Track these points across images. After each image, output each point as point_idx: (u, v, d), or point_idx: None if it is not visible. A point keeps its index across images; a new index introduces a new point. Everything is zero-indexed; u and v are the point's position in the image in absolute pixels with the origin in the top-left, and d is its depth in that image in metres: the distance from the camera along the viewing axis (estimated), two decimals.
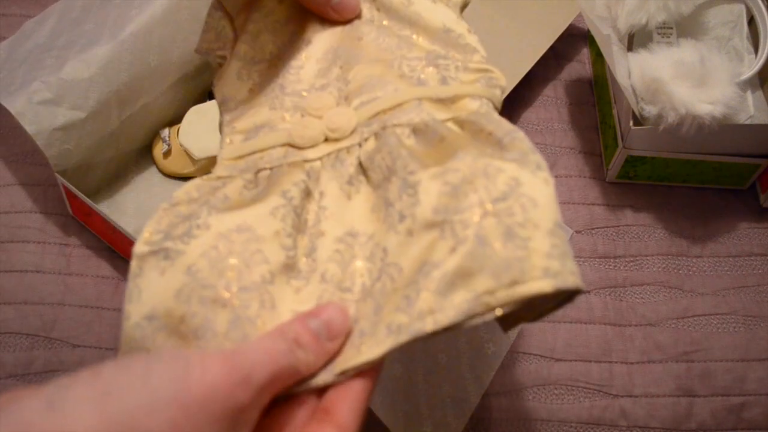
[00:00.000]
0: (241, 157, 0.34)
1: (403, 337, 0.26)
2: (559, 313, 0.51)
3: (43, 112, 0.47)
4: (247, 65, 0.36)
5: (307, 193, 0.32)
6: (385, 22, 0.36)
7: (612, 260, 0.53)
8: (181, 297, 0.29)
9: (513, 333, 0.49)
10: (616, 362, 0.49)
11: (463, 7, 0.37)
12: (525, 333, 0.50)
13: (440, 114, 0.33)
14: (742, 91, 0.52)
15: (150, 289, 0.29)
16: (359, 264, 0.30)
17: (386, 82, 0.34)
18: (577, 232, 0.54)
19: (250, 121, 0.35)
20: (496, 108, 0.34)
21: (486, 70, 0.35)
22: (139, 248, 0.30)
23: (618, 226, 0.55)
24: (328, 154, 0.33)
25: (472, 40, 0.36)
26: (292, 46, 0.37)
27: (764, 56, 0.54)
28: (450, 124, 0.32)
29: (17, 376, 0.46)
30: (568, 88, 0.62)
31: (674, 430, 0.47)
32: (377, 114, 0.33)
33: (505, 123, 0.31)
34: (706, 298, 0.52)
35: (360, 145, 0.33)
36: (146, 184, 0.54)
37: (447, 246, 0.28)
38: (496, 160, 0.29)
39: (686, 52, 0.50)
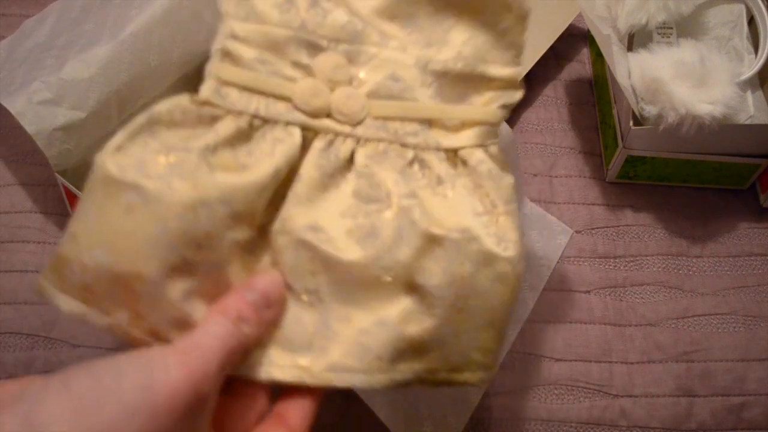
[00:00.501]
0: (238, 86, 0.31)
1: (347, 382, 0.28)
2: (559, 313, 0.51)
3: (43, 112, 0.47)
4: None
5: (294, 171, 0.31)
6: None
7: (612, 260, 0.53)
8: (141, 253, 0.27)
9: (514, 333, 0.49)
10: (616, 362, 0.49)
11: None
12: (525, 333, 0.50)
13: (446, 140, 0.32)
14: (742, 91, 0.52)
15: (108, 225, 0.27)
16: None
17: (407, 82, 0.32)
18: (577, 232, 0.54)
19: (259, 34, 0.31)
20: (497, 133, 0.33)
21: (509, 83, 0.33)
22: (108, 166, 0.27)
23: (618, 226, 0.55)
24: (325, 134, 0.31)
25: (514, 32, 0.33)
26: None
27: (764, 56, 0.54)
28: (449, 167, 0.32)
29: (17, 376, 0.46)
30: (568, 88, 0.62)
31: (674, 430, 0.47)
32: (388, 118, 0.32)
33: (505, 189, 0.32)
34: (706, 298, 0.52)
35: (358, 141, 0.31)
36: None
37: (413, 311, 0.29)
38: (475, 234, 0.30)
39: (686, 52, 0.50)
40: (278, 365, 0.29)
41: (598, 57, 0.61)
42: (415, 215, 0.30)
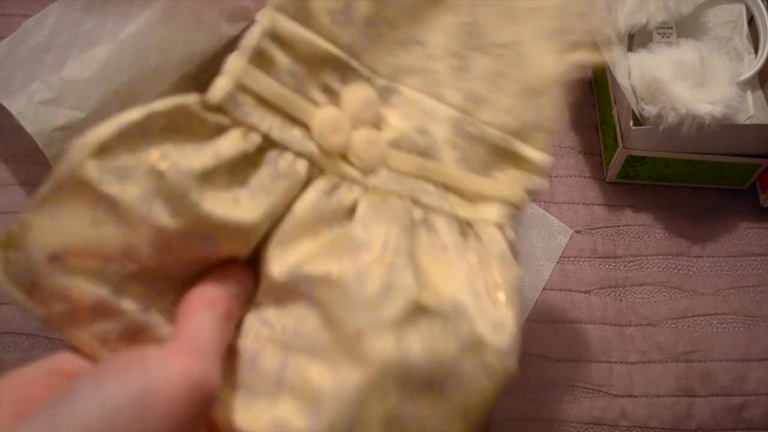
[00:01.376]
0: (257, 96, 0.27)
1: None
2: (559, 313, 0.51)
3: (43, 112, 0.47)
4: None
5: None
6: (477, 55, 0.30)
7: (612, 260, 0.53)
8: (98, 267, 0.25)
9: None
10: (616, 362, 0.49)
11: (577, 70, 0.32)
12: (525, 333, 0.50)
13: (462, 210, 0.30)
14: (742, 91, 0.52)
15: (68, 229, 0.25)
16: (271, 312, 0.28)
17: (434, 138, 0.29)
18: (577, 232, 0.54)
19: (301, 41, 0.27)
20: (516, 222, 0.31)
21: (534, 168, 0.31)
22: (89, 169, 0.24)
23: (618, 226, 0.55)
24: (332, 175, 0.28)
25: (551, 115, 0.31)
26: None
27: (764, 56, 0.54)
28: (458, 237, 0.29)
29: None
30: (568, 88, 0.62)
31: (674, 430, 0.47)
32: (405, 173, 0.29)
33: (514, 278, 0.29)
34: (706, 298, 0.52)
35: (366, 190, 0.28)
36: None
37: (379, 382, 0.26)
38: (469, 313, 0.27)
39: (686, 52, 0.50)
40: (223, 404, 0.26)
41: None
42: (407, 277, 0.26)
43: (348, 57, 0.28)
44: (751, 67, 0.54)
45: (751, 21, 0.57)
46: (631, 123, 0.51)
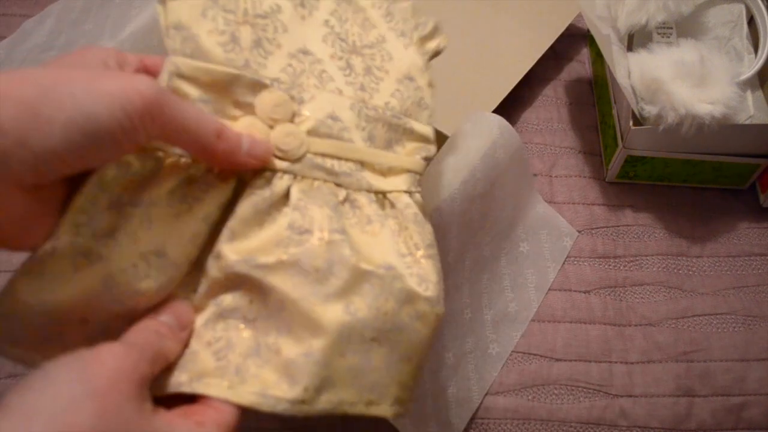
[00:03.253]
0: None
1: (273, 408, 0.29)
2: (559, 313, 0.51)
3: None
4: (217, 10, 0.32)
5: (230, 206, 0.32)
6: (353, 56, 0.35)
7: (612, 260, 0.53)
8: (89, 303, 0.29)
9: (517, 334, 0.49)
10: (616, 362, 0.49)
11: (434, 55, 0.38)
12: (525, 333, 0.50)
13: (377, 183, 0.34)
14: (742, 91, 0.52)
15: (55, 279, 0.28)
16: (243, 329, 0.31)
17: (344, 123, 0.34)
18: (577, 231, 0.54)
19: (203, 73, 0.31)
20: (420, 184, 0.36)
21: (426, 139, 0.36)
22: (65, 242, 0.28)
23: (618, 226, 0.55)
24: (262, 172, 0.32)
25: (428, 94, 0.37)
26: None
27: (764, 56, 0.54)
28: (378, 208, 0.34)
29: (17, 376, 0.46)
30: (568, 88, 0.62)
31: (674, 430, 0.47)
32: (326, 155, 0.33)
33: (428, 234, 0.34)
34: (706, 298, 0.52)
35: (295, 177, 0.32)
36: None
37: (338, 343, 0.30)
38: (399, 272, 0.32)
39: (686, 52, 0.50)
40: (206, 383, 0.29)
41: (598, 57, 0.61)
42: (345, 250, 0.31)
43: (249, 73, 0.32)
44: (751, 67, 0.54)
45: (751, 21, 0.57)
46: (631, 123, 0.51)
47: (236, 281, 0.31)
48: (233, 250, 0.30)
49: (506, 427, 0.47)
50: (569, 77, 0.63)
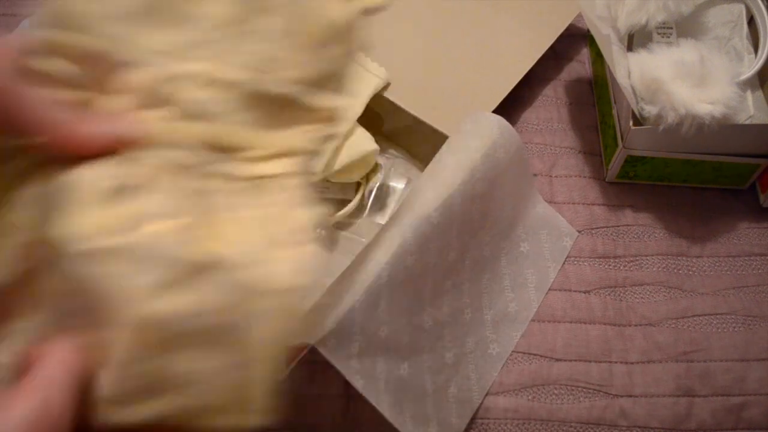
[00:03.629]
0: None
1: None
2: (559, 313, 0.51)
3: None
4: None
5: None
6: (257, 17, 0.31)
7: (612, 260, 0.53)
8: None
9: (517, 334, 0.49)
10: (616, 362, 0.49)
11: (367, 13, 0.33)
12: (525, 333, 0.50)
13: (251, 167, 0.31)
14: (742, 91, 0.52)
15: None
16: None
17: (222, 103, 0.30)
18: (577, 231, 0.54)
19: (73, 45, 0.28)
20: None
21: (328, 116, 0.33)
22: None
23: (618, 226, 0.55)
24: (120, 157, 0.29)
25: (344, 62, 0.33)
26: None
27: (764, 56, 0.54)
28: (249, 193, 0.30)
29: None
30: (568, 88, 0.62)
31: (674, 430, 0.47)
32: (195, 139, 0.30)
33: (302, 222, 0.30)
34: (706, 298, 0.52)
35: (160, 164, 0.29)
36: None
37: (168, 337, 0.26)
38: (253, 261, 0.28)
39: (686, 52, 0.50)
40: None
41: (598, 57, 0.61)
42: (199, 233, 0.27)
43: (118, 49, 0.28)
44: (751, 67, 0.54)
45: (751, 21, 0.57)
46: (631, 123, 0.51)
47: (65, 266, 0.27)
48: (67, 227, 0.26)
49: (506, 427, 0.47)
50: (569, 77, 0.63)
